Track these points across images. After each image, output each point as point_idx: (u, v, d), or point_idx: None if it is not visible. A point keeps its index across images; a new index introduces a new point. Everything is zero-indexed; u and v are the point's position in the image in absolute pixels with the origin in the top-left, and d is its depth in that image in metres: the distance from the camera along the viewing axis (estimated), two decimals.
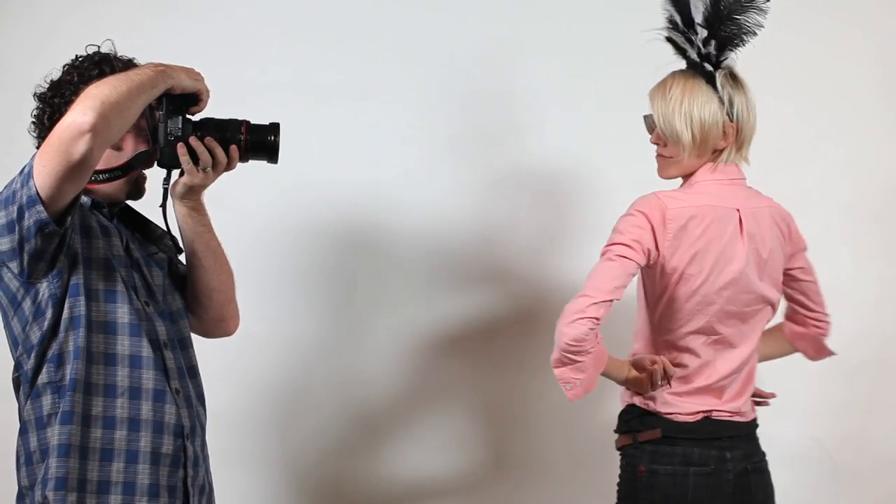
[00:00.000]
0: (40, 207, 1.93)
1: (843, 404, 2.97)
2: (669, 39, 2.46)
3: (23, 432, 2.08)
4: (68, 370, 2.03)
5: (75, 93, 2.04)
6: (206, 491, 2.22)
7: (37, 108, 2.15)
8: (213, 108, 2.24)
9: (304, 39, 3.22)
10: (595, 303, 2.27)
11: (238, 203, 2.31)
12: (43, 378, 2.04)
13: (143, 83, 1.98)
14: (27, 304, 2.05)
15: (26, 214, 1.95)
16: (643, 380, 2.41)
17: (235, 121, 2.15)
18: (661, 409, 2.42)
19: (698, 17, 2.40)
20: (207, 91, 2.13)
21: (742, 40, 2.40)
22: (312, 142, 3.17)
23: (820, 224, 2.78)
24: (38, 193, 1.93)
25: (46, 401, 2.04)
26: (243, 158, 2.16)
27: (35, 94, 2.16)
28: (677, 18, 2.44)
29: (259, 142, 2.14)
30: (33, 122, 2.16)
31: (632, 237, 2.33)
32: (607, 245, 2.35)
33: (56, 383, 2.03)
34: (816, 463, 2.59)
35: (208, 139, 2.11)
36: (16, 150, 2.39)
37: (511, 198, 3.26)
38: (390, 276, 3.25)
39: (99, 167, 2.06)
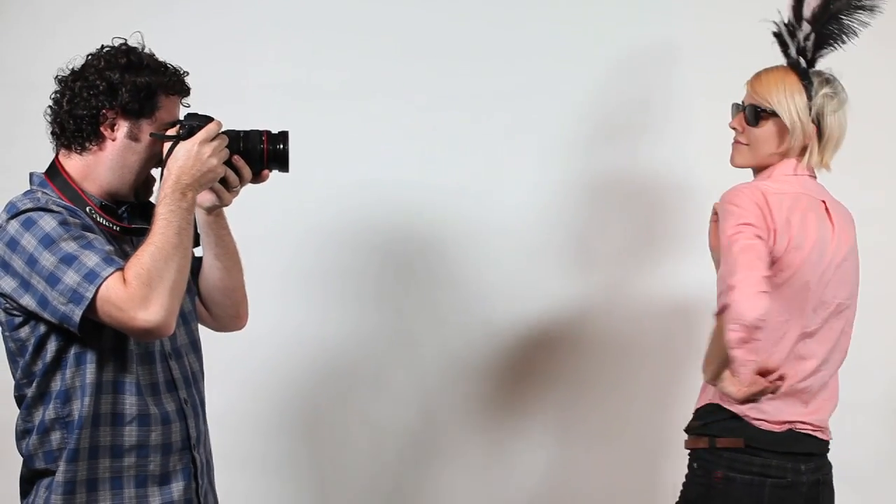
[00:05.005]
0: (78, 311, 1.90)
1: (843, 404, 2.97)
2: (777, 35, 2.46)
3: (29, 463, 2.05)
4: (75, 406, 2.00)
5: (99, 76, 2.01)
6: (212, 496, 2.21)
7: (56, 92, 2.08)
8: (214, 109, 2.24)
9: (304, 39, 3.22)
10: (764, 276, 2.20)
11: (240, 202, 2.30)
12: (50, 414, 2.00)
13: (184, 245, 1.96)
14: (24, 332, 2.01)
15: (62, 310, 1.91)
16: (751, 388, 2.28)
17: (256, 132, 2.14)
18: (751, 413, 2.35)
19: (807, 13, 2.41)
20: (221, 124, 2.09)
21: (842, 40, 2.41)
22: (315, 141, 3.15)
23: None
24: (88, 304, 1.89)
25: (56, 437, 2.01)
26: (268, 168, 2.16)
27: (56, 77, 2.09)
28: (787, 14, 2.45)
29: (273, 151, 2.14)
30: (50, 107, 2.08)
31: (752, 220, 2.27)
32: (733, 232, 2.25)
33: (64, 419, 2.00)
34: None
35: (236, 158, 2.10)
36: (16, 150, 2.39)
37: (515, 199, 3.26)
38: (395, 276, 3.25)
39: (113, 170, 2.05)
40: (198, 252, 2.25)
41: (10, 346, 2.03)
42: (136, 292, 1.89)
